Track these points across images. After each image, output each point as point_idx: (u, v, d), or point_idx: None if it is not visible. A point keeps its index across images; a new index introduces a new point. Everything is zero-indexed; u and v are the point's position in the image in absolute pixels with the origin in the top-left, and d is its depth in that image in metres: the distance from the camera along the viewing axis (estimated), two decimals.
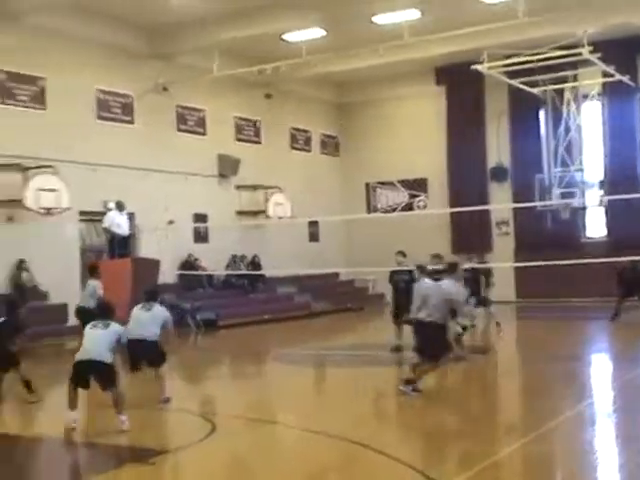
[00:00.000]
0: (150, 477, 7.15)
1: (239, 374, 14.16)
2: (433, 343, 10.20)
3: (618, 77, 21.26)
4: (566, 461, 7.55)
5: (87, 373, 8.60)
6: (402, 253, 14.82)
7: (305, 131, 26.87)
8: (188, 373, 14.33)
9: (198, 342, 19.07)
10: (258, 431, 9.12)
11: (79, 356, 8.61)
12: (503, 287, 23.41)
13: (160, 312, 10.40)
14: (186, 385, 13.00)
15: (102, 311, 9.27)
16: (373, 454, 7.52)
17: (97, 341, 8.63)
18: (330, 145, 28.10)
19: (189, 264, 21.45)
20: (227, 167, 23.13)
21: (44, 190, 17.29)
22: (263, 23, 19.37)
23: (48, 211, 17.45)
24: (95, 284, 14.19)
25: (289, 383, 12.72)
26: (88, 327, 8.92)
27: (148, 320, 10.17)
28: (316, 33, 20.21)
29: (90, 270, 14.54)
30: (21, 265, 17.51)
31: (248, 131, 24.53)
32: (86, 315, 12.24)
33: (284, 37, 20.55)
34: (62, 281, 17.89)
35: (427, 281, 11.98)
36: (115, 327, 8.85)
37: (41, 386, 11.12)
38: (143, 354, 10.01)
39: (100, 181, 19.02)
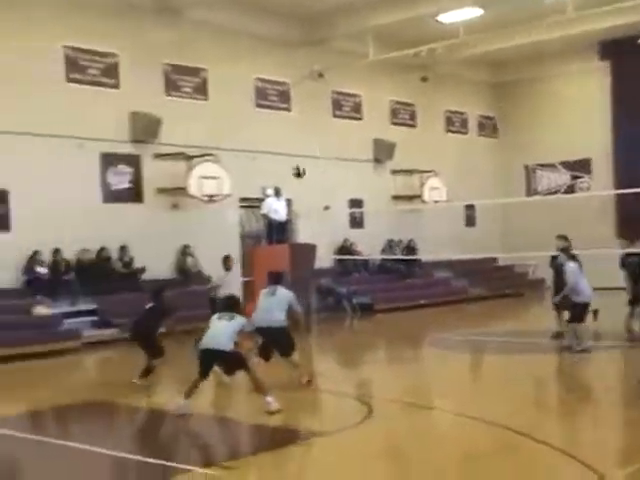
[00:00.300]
0: (305, 458, 7.28)
1: (395, 358, 14.16)
2: None
3: None
4: None
5: (210, 361, 8.97)
6: (563, 237, 14.27)
7: (461, 113, 26.40)
8: (344, 356, 14.50)
9: (354, 326, 19.25)
10: (414, 415, 9.09)
11: (202, 345, 8.96)
12: None
13: (284, 295, 10.38)
14: (342, 368, 13.16)
15: (228, 304, 9.47)
16: (533, 443, 7.30)
17: (220, 331, 8.91)
18: (487, 127, 27.45)
19: (345, 249, 21.67)
20: (382, 152, 23.14)
21: (206, 178, 17.96)
22: (417, 5, 19.14)
23: (210, 198, 18.12)
24: (221, 275, 14.44)
25: (445, 368, 12.59)
26: (215, 317, 9.20)
27: (273, 305, 10.28)
28: (473, 12, 19.72)
29: (223, 261, 14.82)
30: (185, 250, 18.32)
31: (403, 115, 24.41)
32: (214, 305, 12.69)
33: (439, 18, 20.20)
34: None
35: (571, 264, 11.66)
36: (239, 320, 9.08)
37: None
38: (271, 342, 10.26)
39: (258, 168, 19.52)
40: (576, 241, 15.68)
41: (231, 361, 9.00)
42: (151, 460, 7.12)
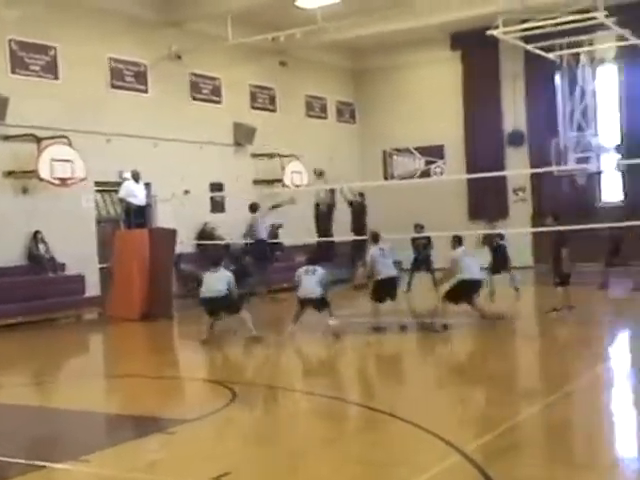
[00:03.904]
0: (167, 447, 7.17)
1: (258, 342, 14.16)
2: None
3: (633, 41, 20.95)
4: (585, 424, 7.53)
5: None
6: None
7: (321, 98, 26.66)
8: (208, 341, 14.37)
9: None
10: (277, 398, 9.16)
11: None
12: (522, 253, 23.37)
13: (320, 274, 12.77)
14: (206, 353, 13.03)
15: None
16: (391, 420, 7.53)
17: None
18: (346, 112, 27.87)
19: (206, 233, 21.45)
20: (243, 135, 23.01)
21: (58, 161, 17.23)
22: None
23: (63, 182, 17.43)
24: None
25: (307, 350, 12.77)
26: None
27: (313, 282, 12.71)
28: None
29: None
30: (37, 236, 17.54)
31: (263, 99, 24.36)
32: None
33: (298, 4, 20.28)
34: (79, 252, 17.96)
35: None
36: None
37: (57, 357, 11.18)
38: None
39: (115, 151, 18.98)
40: (432, 223, 16.47)
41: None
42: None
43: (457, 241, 13.38)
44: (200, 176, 21.31)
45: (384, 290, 13.23)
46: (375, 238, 13.65)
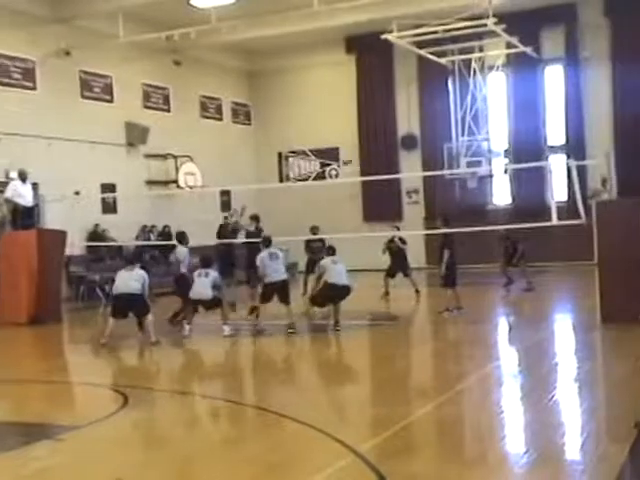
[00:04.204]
0: (59, 454, 6.96)
1: (156, 345, 13.91)
2: None
3: (522, 48, 21.76)
4: (475, 422, 7.75)
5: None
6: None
7: (216, 99, 26.47)
8: (97, 345, 14.00)
9: (107, 314, 18.61)
10: (171, 402, 9.02)
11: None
12: (414, 254, 23.95)
13: (213, 277, 13.14)
14: (96, 358, 12.71)
15: None
16: (286, 421, 7.54)
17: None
18: (241, 113, 27.78)
19: (97, 235, 20.93)
20: (135, 135, 22.58)
21: None
22: None
23: None
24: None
25: (203, 353, 12.66)
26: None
27: (206, 284, 12.99)
28: None
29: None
30: None
31: (157, 98, 23.99)
32: None
33: (192, 2, 20.08)
34: None
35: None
36: None
37: None
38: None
39: (1, 150, 18.28)
40: (328, 225, 16.55)
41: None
42: None
43: (328, 250, 13.86)
44: (91, 176, 20.78)
45: (273, 293, 13.29)
46: (266, 242, 13.69)
